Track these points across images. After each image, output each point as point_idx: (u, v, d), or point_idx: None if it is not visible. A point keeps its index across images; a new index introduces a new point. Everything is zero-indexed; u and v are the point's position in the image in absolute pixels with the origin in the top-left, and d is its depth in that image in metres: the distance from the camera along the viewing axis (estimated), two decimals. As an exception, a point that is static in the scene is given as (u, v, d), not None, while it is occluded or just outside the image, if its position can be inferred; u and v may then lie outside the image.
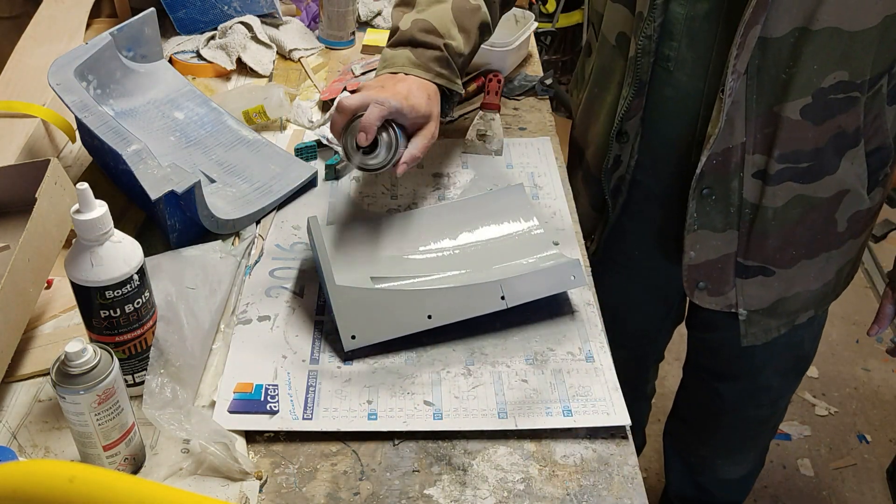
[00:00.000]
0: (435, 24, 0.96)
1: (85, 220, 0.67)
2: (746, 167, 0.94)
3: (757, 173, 0.94)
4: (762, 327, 1.08)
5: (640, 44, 0.94)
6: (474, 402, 0.80)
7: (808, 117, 0.89)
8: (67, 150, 1.14)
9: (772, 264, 1.01)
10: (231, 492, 0.71)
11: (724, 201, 0.97)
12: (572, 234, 1.03)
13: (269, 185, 1.06)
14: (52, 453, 0.74)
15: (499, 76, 1.30)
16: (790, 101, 0.88)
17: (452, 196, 1.09)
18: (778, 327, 1.09)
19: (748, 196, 0.96)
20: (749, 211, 0.97)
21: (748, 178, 0.95)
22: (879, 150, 0.96)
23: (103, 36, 1.06)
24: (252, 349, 0.85)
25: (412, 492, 0.72)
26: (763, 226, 0.97)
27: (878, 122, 0.93)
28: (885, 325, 1.13)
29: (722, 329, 1.14)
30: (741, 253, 1.01)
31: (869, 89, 0.89)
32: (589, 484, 0.73)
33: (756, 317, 1.07)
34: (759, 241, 0.99)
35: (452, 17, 0.98)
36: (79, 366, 0.64)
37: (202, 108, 1.14)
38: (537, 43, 1.91)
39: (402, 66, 0.95)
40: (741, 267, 1.02)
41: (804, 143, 0.91)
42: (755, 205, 0.96)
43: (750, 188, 0.95)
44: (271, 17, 1.45)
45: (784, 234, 0.98)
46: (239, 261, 0.95)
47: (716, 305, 1.07)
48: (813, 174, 0.94)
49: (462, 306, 0.85)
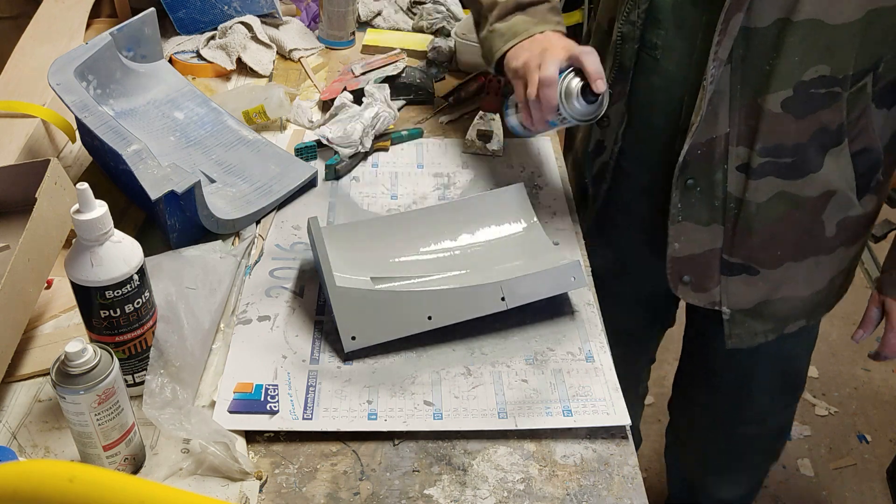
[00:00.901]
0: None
1: (85, 220, 0.67)
2: (730, 159, 0.94)
3: (740, 166, 0.94)
4: (747, 329, 1.07)
5: (621, 29, 0.95)
6: (474, 402, 0.80)
7: (789, 110, 0.88)
8: (67, 150, 1.14)
9: (756, 263, 1.01)
10: (231, 492, 0.71)
11: (708, 193, 0.97)
12: (572, 234, 1.03)
13: (269, 185, 1.06)
14: (52, 453, 0.74)
15: (499, 76, 1.30)
16: (772, 92, 0.88)
17: (452, 196, 1.09)
18: (765, 332, 1.07)
19: (732, 190, 0.96)
20: (734, 206, 0.97)
21: (732, 170, 0.94)
22: (866, 152, 0.96)
23: (103, 36, 1.06)
24: (252, 349, 0.85)
25: (412, 492, 0.72)
26: (747, 221, 0.97)
27: (863, 122, 0.93)
28: (870, 329, 1.11)
29: (709, 332, 1.13)
30: (726, 249, 1.00)
31: (851, 86, 0.89)
32: (589, 484, 0.73)
33: (740, 317, 1.05)
34: (742, 237, 0.99)
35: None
36: (79, 366, 0.64)
37: (202, 108, 1.14)
38: (537, 43, 1.92)
39: (526, 31, 0.97)
40: (726, 264, 1.01)
41: (786, 136, 0.91)
42: (739, 199, 0.96)
43: (734, 181, 0.95)
44: (271, 17, 1.45)
45: (768, 231, 0.98)
46: (239, 261, 0.95)
47: (699, 302, 1.06)
48: (796, 170, 0.93)
49: (462, 307, 0.85)
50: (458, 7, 1.51)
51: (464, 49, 1.37)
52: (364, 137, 1.13)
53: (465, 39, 1.36)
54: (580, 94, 0.90)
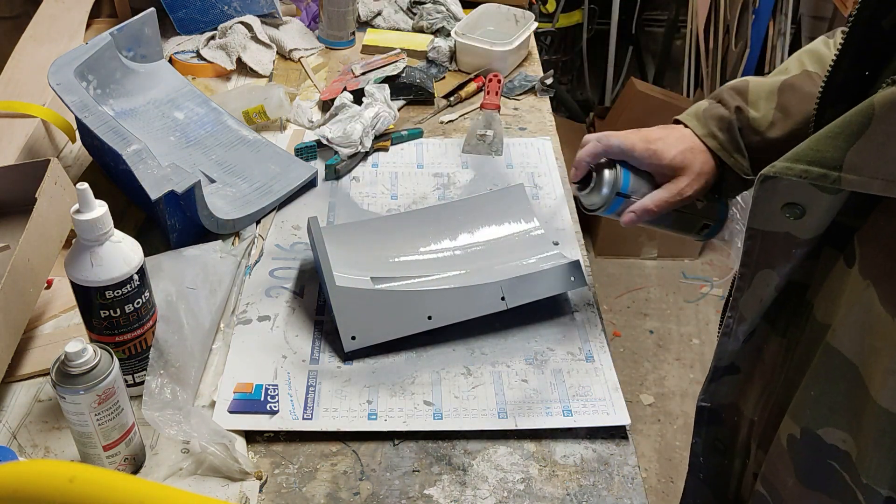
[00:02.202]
0: (750, 88, 0.82)
1: (85, 220, 0.67)
2: None
3: None
4: None
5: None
6: (474, 402, 0.80)
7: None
8: (67, 150, 1.14)
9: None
10: (231, 492, 0.71)
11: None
12: (572, 234, 1.03)
13: (269, 185, 1.06)
14: (52, 453, 0.74)
15: (499, 76, 1.30)
16: None
17: (452, 196, 1.09)
18: None
19: None
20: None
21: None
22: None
23: (103, 36, 1.06)
24: (252, 349, 0.85)
25: (412, 492, 0.72)
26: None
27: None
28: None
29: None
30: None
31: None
32: (589, 484, 0.73)
33: None
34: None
35: (778, 89, 0.81)
36: (79, 366, 0.64)
37: (202, 108, 1.14)
38: (537, 43, 1.91)
39: (685, 116, 0.85)
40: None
41: None
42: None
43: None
44: (271, 17, 1.45)
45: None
46: (239, 261, 0.95)
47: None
48: None
49: (462, 307, 0.85)
50: (458, 7, 1.51)
51: (464, 49, 1.37)
52: (364, 137, 1.13)
53: (465, 39, 1.36)
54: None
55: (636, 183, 0.82)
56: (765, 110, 0.80)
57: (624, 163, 0.82)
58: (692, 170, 0.81)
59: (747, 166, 0.82)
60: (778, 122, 0.80)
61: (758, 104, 0.81)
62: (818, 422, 0.60)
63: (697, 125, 0.82)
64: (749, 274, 0.62)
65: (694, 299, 2.33)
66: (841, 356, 0.57)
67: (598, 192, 0.82)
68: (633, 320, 2.29)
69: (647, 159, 0.81)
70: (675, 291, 2.40)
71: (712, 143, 0.82)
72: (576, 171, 0.84)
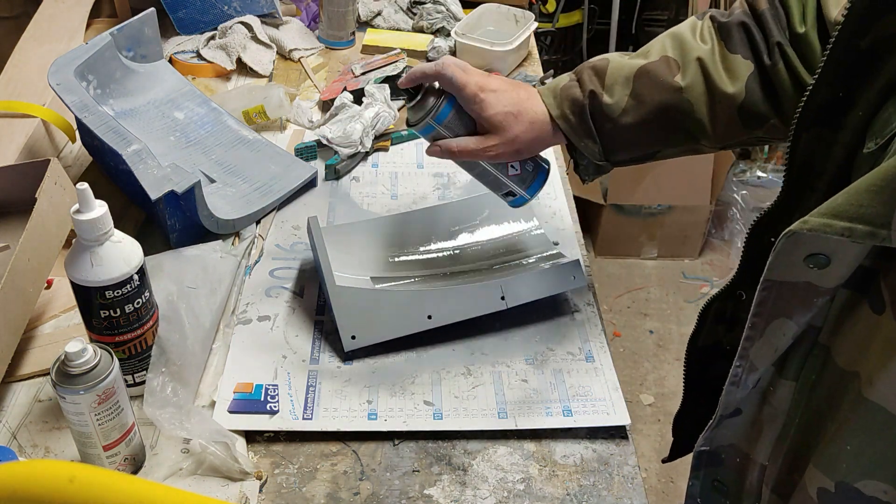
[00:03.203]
0: (609, 70, 0.80)
1: (85, 220, 0.67)
2: None
3: None
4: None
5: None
6: (474, 402, 0.80)
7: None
8: (67, 150, 1.14)
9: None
10: (231, 492, 0.71)
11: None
12: (572, 234, 1.03)
13: (269, 185, 1.06)
14: (52, 453, 0.74)
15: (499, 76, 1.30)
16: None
17: (452, 196, 1.09)
18: None
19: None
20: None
21: None
22: None
23: (103, 36, 1.06)
24: (252, 349, 0.85)
25: (412, 492, 0.72)
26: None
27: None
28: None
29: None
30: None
31: None
32: (589, 484, 0.73)
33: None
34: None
35: (634, 75, 0.79)
36: (79, 366, 0.64)
37: (202, 108, 1.14)
38: (537, 43, 1.92)
39: (545, 90, 0.82)
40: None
41: None
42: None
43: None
44: (271, 17, 1.45)
45: None
46: (239, 261, 0.95)
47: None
48: None
49: (462, 307, 0.85)
50: (458, 7, 1.51)
51: (464, 49, 1.37)
52: (364, 137, 1.13)
53: (465, 39, 1.36)
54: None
55: (454, 121, 0.81)
56: (619, 96, 0.79)
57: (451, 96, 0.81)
58: (506, 134, 0.79)
59: (598, 151, 0.82)
60: (630, 110, 0.79)
61: (613, 89, 0.79)
62: (856, 475, 0.56)
63: (553, 104, 0.81)
64: (762, 323, 0.59)
65: (694, 299, 2.33)
66: (885, 412, 0.53)
67: (416, 111, 0.82)
68: (633, 320, 2.29)
69: (470, 104, 0.79)
70: (676, 291, 2.40)
71: (564, 126, 0.81)
72: (404, 79, 0.80)
